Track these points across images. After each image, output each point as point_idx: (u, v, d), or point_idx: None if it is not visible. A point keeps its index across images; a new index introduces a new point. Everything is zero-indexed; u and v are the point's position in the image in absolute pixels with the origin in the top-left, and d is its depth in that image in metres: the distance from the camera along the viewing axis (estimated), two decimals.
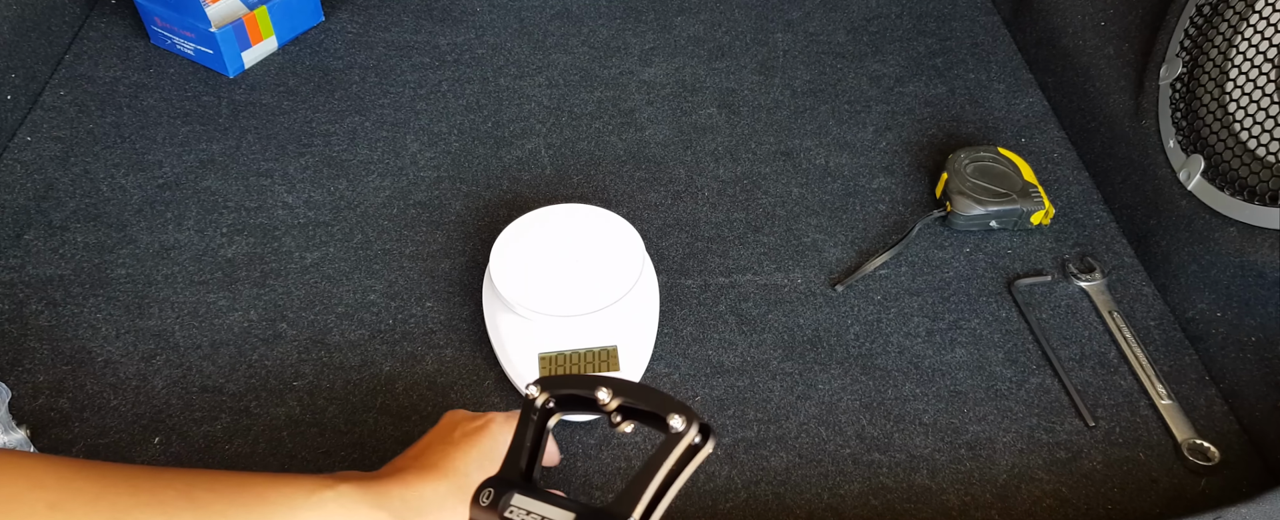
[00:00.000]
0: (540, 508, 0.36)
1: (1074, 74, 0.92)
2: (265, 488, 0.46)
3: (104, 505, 0.42)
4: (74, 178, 0.85)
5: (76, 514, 0.41)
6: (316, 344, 0.72)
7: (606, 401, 0.37)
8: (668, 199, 0.85)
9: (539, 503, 0.36)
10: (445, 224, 0.82)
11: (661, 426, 0.35)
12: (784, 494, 0.64)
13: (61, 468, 0.43)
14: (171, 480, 0.45)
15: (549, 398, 0.39)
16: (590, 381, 0.37)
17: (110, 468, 0.44)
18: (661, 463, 0.34)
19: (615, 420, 0.38)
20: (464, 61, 0.99)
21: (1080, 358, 0.73)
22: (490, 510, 0.37)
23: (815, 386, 0.71)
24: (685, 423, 0.34)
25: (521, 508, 0.36)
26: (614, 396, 0.37)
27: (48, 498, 0.41)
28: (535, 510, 0.36)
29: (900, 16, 1.07)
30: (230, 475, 0.47)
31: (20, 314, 0.73)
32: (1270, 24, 0.70)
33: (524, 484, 0.38)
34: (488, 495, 0.37)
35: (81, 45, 0.98)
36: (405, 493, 0.48)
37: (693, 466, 0.35)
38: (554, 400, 0.39)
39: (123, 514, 0.42)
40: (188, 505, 0.44)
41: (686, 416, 0.34)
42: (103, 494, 0.42)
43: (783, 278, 0.79)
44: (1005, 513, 0.64)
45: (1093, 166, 0.88)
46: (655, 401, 0.36)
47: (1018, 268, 0.80)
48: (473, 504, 0.38)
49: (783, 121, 0.93)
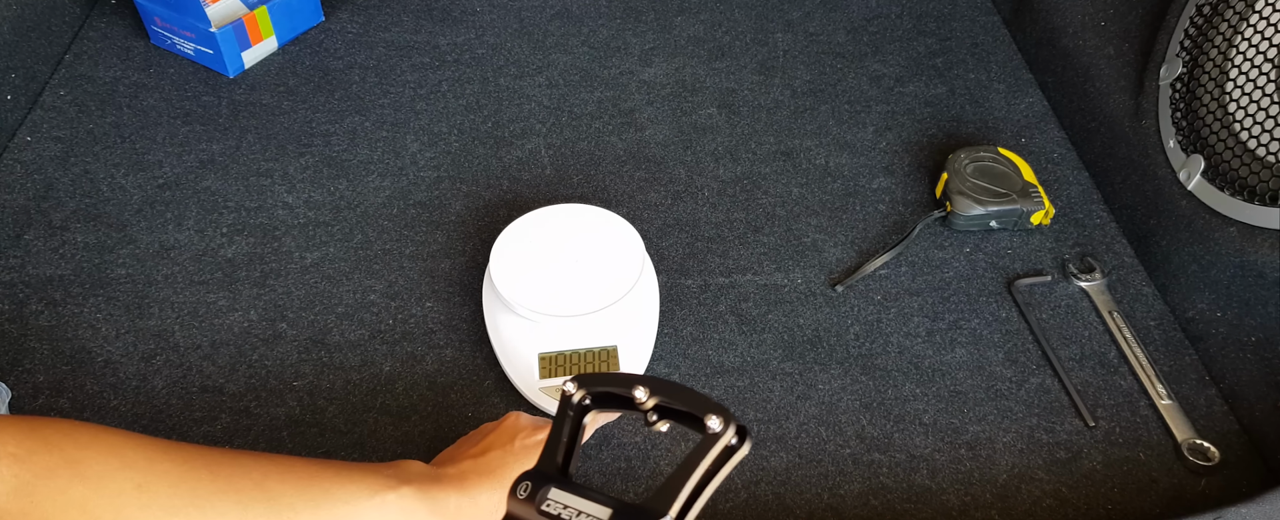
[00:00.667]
0: (577, 502, 0.36)
1: (1074, 74, 0.92)
2: (332, 483, 0.48)
3: (185, 489, 0.44)
4: (74, 178, 0.85)
5: (160, 495, 0.43)
6: (316, 344, 0.72)
7: (643, 400, 0.37)
8: (668, 199, 0.85)
9: (576, 497, 0.36)
10: (445, 224, 0.82)
11: (698, 427, 0.35)
12: (784, 494, 0.64)
13: (148, 448, 0.45)
14: (249, 468, 0.47)
15: (586, 394, 0.39)
16: (627, 380, 0.37)
17: (191, 449, 0.46)
18: (698, 462, 0.34)
19: (651, 419, 0.38)
20: (464, 61, 0.99)
21: (1080, 358, 0.73)
22: (527, 503, 0.37)
23: (815, 386, 0.71)
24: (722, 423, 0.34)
25: (559, 501, 0.36)
26: (651, 395, 0.37)
27: (135, 478, 0.43)
28: (572, 504, 0.36)
29: (900, 16, 1.07)
30: (302, 465, 0.48)
31: (20, 314, 0.73)
32: (1270, 24, 0.70)
33: (561, 478, 0.38)
34: (525, 488, 0.37)
35: (81, 45, 0.98)
36: (462, 501, 0.51)
37: (729, 468, 0.35)
38: (591, 397, 0.39)
39: (202, 499, 0.44)
40: (261, 495, 0.45)
41: (724, 417, 0.35)
42: (185, 477, 0.44)
43: (783, 278, 0.79)
44: (1005, 513, 0.64)
45: (1093, 166, 0.88)
46: (692, 401, 0.36)
47: (1018, 268, 0.80)
48: (510, 497, 0.38)
49: (783, 121, 0.93)
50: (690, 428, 0.36)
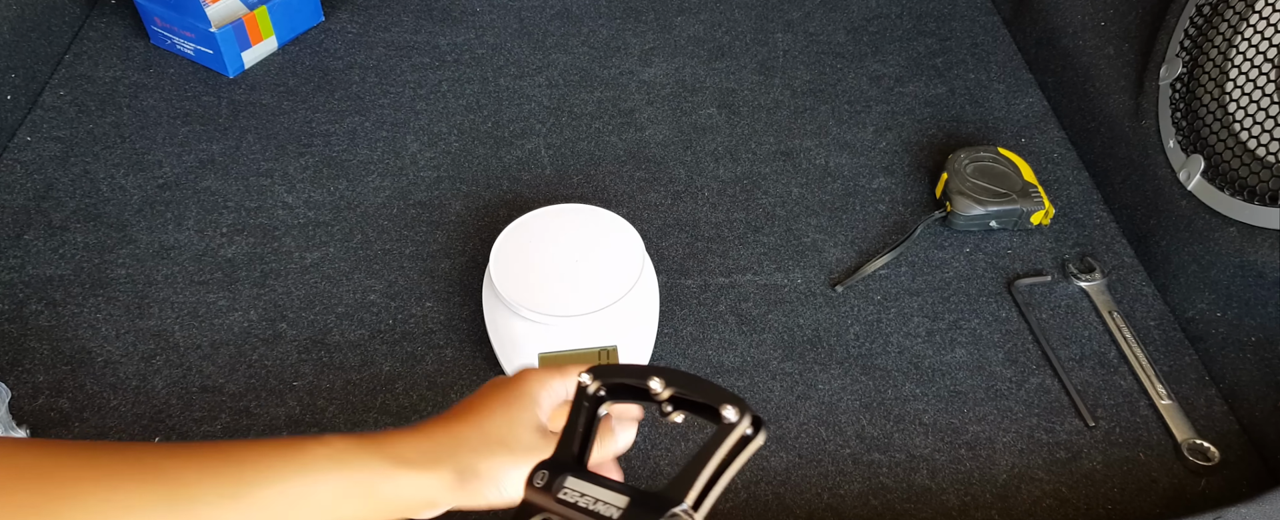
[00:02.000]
0: (594, 490, 0.36)
1: (1074, 74, 0.92)
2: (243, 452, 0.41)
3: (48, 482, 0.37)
4: (74, 178, 0.85)
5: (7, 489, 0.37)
6: (316, 344, 0.72)
7: (659, 391, 0.37)
8: (668, 199, 0.85)
9: (593, 485, 0.37)
10: (445, 224, 0.82)
11: (714, 417, 0.35)
12: (784, 494, 0.64)
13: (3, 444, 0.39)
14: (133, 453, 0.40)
15: (600, 385, 0.39)
16: (643, 371, 0.38)
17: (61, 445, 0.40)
18: (714, 452, 0.35)
19: (666, 410, 0.38)
20: (464, 61, 0.99)
21: (1080, 358, 0.73)
22: (544, 492, 0.37)
23: (815, 386, 0.71)
24: (738, 414, 0.35)
25: (575, 489, 0.37)
26: (666, 386, 0.37)
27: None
28: (588, 492, 0.36)
29: (900, 16, 1.07)
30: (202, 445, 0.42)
31: (20, 314, 0.73)
32: (1270, 24, 0.70)
33: (577, 467, 0.38)
34: (542, 477, 0.38)
35: (81, 45, 0.98)
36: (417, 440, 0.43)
37: (744, 457, 0.35)
38: (606, 388, 0.39)
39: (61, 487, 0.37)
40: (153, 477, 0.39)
41: (739, 408, 0.35)
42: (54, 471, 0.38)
43: (783, 278, 0.79)
44: (1005, 513, 0.64)
45: (1093, 166, 0.88)
46: (708, 392, 0.36)
47: (1018, 268, 0.80)
48: (527, 485, 0.38)
49: (783, 121, 0.93)
50: (706, 419, 0.36)
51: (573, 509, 0.36)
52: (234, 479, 0.39)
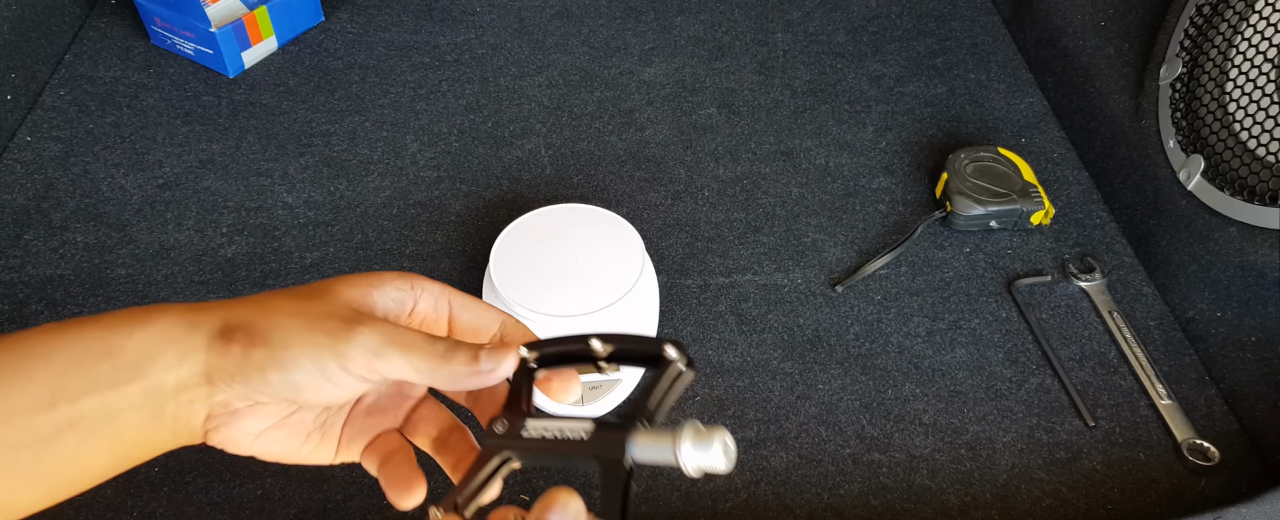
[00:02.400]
0: (556, 424, 0.38)
1: (1074, 74, 0.92)
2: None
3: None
4: (74, 178, 0.85)
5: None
6: None
7: (599, 350, 0.40)
8: (668, 199, 0.85)
9: (553, 421, 0.39)
10: (445, 224, 0.82)
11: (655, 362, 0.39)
12: (784, 494, 0.64)
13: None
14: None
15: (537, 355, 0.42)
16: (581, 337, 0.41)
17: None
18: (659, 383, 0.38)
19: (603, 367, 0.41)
20: (464, 61, 0.99)
21: (1080, 358, 0.73)
22: (506, 437, 0.39)
23: (815, 386, 0.71)
24: (678, 351, 0.39)
25: (537, 427, 0.39)
26: (605, 345, 0.40)
27: None
28: (552, 426, 0.38)
29: (900, 16, 1.07)
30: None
31: (20, 314, 0.73)
32: (1270, 24, 0.70)
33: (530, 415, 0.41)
34: (502, 424, 0.40)
35: (81, 45, 0.98)
36: (242, 310, 0.38)
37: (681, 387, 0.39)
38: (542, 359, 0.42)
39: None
40: None
41: (678, 346, 0.39)
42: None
43: (783, 278, 0.79)
44: (1005, 513, 0.64)
45: (1093, 166, 0.88)
46: (645, 342, 0.40)
47: (1018, 268, 0.80)
48: (488, 434, 0.40)
49: (783, 121, 0.93)
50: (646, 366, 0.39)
51: (541, 441, 0.38)
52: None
